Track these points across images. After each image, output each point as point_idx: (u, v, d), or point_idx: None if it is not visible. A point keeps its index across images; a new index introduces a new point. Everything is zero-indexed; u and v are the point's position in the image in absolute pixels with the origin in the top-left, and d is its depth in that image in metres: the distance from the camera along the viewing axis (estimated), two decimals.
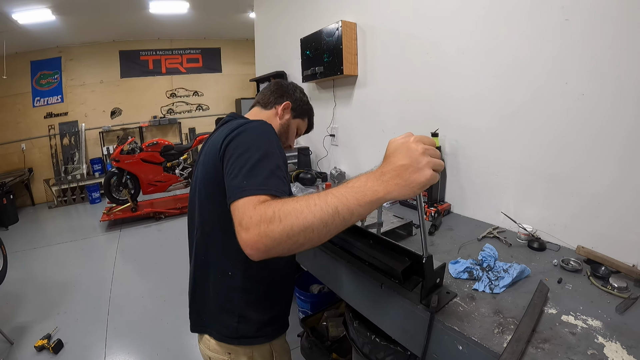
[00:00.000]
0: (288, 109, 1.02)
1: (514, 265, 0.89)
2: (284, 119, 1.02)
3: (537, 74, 1.13)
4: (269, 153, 0.69)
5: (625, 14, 0.90)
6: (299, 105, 1.06)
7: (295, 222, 0.52)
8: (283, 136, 1.04)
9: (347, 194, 0.54)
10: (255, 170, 0.64)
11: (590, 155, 1.03)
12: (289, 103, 1.02)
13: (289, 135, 1.06)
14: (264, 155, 0.68)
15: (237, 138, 0.73)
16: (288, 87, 1.06)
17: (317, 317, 1.94)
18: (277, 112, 1.01)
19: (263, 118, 0.97)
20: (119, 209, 4.41)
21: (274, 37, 3.03)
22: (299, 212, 0.52)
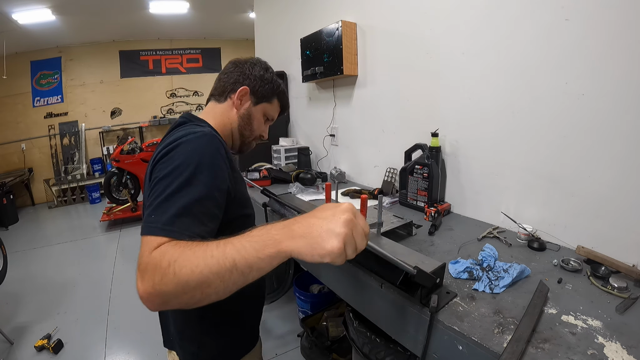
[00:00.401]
0: (246, 95, 0.86)
1: (514, 265, 0.89)
2: (242, 108, 0.87)
3: (537, 73, 1.13)
4: (192, 182, 0.60)
5: (625, 13, 0.90)
6: (260, 86, 0.88)
7: (190, 277, 0.46)
8: (246, 129, 0.89)
9: (247, 244, 0.48)
10: (168, 203, 0.57)
11: (590, 155, 1.03)
12: (246, 88, 0.86)
13: (254, 126, 0.90)
14: (184, 183, 0.59)
15: (164, 158, 0.64)
16: (244, 67, 0.87)
17: (317, 317, 1.94)
18: (233, 102, 0.86)
19: (217, 114, 0.86)
20: (119, 209, 4.42)
21: (274, 37, 3.03)
22: (194, 266, 0.47)
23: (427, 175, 1.44)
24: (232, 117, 0.87)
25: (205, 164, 0.64)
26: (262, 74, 0.88)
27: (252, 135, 0.92)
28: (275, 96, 0.92)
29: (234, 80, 0.86)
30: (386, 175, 1.78)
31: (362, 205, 0.97)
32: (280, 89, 0.92)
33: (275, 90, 0.91)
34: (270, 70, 0.91)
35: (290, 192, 1.77)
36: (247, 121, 0.89)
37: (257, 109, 0.89)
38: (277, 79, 0.91)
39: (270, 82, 0.89)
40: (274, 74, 0.91)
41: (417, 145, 1.51)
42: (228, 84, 0.87)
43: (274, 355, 1.97)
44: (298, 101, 2.71)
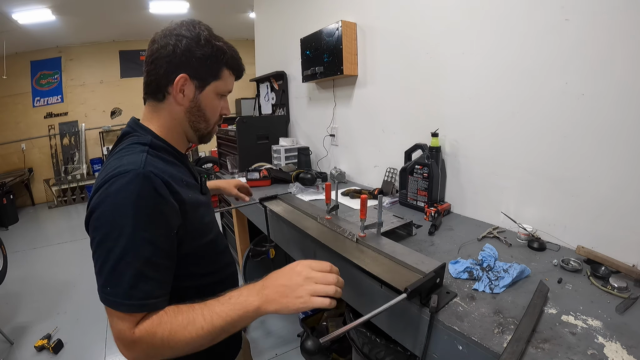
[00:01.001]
0: (187, 83, 0.69)
1: (514, 265, 0.89)
2: (186, 102, 0.71)
3: (537, 73, 1.13)
4: (135, 241, 0.56)
5: (625, 13, 0.90)
6: (200, 65, 0.68)
7: (186, 348, 0.57)
8: (200, 122, 0.75)
9: (231, 312, 0.57)
10: (117, 273, 0.55)
11: (590, 155, 1.03)
12: (184, 76, 0.67)
13: (207, 115, 0.74)
14: (127, 247, 0.55)
15: (95, 214, 0.57)
16: (170, 45, 0.66)
17: (317, 317, 1.94)
18: (173, 97, 0.70)
19: (161, 117, 0.72)
20: None
21: (274, 37, 3.03)
22: (189, 340, 0.56)
23: (427, 175, 1.44)
24: (178, 115, 0.72)
25: (142, 217, 0.57)
26: (195, 45, 0.67)
27: (209, 126, 0.77)
28: (222, 67, 0.72)
29: (165, 70, 0.67)
30: (386, 175, 1.78)
31: (362, 205, 0.97)
32: (227, 55, 0.72)
33: (220, 61, 0.71)
34: (205, 36, 0.68)
35: (290, 192, 1.77)
36: (197, 114, 0.73)
37: (205, 94, 0.72)
38: (218, 44, 0.70)
39: (211, 55, 0.69)
40: (212, 37, 0.70)
41: (417, 145, 1.51)
42: (159, 75, 0.68)
43: (274, 355, 1.97)
44: (298, 101, 2.71)
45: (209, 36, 0.69)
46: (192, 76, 0.69)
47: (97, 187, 0.59)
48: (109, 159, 0.67)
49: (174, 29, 0.68)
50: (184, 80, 0.68)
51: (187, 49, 0.66)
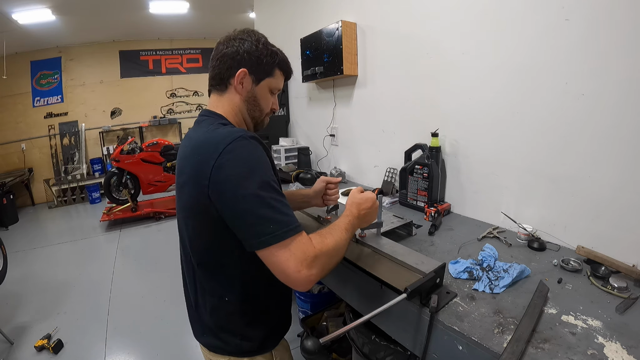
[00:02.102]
0: (245, 76, 0.82)
1: (514, 265, 0.89)
2: (245, 92, 0.83)
3: (537, 74, 1.13)
4: (270, 186, 0.67)
5: (626, 13, 0.90)
6: (257, 63, 0.82)
7: (341, 254, 0.75)
8: (255, 111, 0.87)
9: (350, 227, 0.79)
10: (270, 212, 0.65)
11: (590, 155, 1.03)
12: (244, 70, 0.81)
13: (262, 106, 0.87)
14: (266, 192, 0.66)
15: (226, 176, 0.66)
16: (234, 46, 0.81)
17: (317, 317, 1.94)
18: (234, 87, 0.83)
19: (225, 105, 0.84)
20: (119, 209, 4.41)
21: (274, 37, 3.00)
22: (340, 248, 0.73)
23: (427, 175, 1.44)
24: (238, 104, 0.84)
25: (267, 167, 0.70)
26: (255, 48, 0.81)
27: (262, 115, 0.89)
28: (275, 67, 0.86)
29: (229, 66, 0.81)
30: (386, 175, 1.78)
31: None
32: (279, 57, 0.86)
33: (274, 62, 0.85)
34: (263, 41, 0.83)
35: None
36: (253, 103, 0.86)
37: (260, 87, 0.85)
38: (273, 49, 0.85)
39: (267, 56, 0.83)
40: (268, 43, 0.85)
41: (417, 145, 1.51)
42: (224, 70, 0.82)
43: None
44: (298, 101, 2.71)
45: (265, 42, 0.84)
46: (251, 71, 0.82)
47: (210, 154, 0.67)
48: (199, 131, 0.77)
49: (238, 34, 0.83)
50: (243, 74, 0.81)
51: (248, 50, 0.81)
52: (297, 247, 0.64)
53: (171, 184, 4.51)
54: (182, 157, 0.77)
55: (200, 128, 0.79)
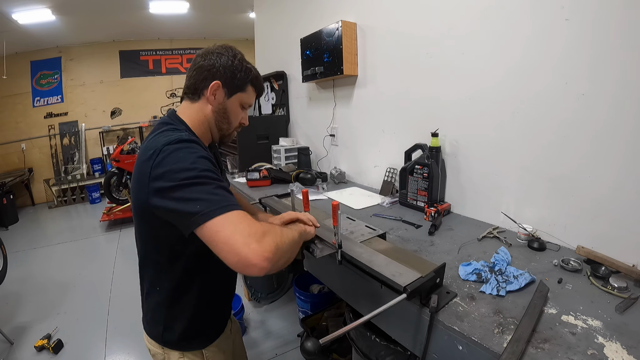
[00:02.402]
0: (218, 89, 0.85)
1: (525, 275, 0.87)
2: (215, 103, 0.87)
3: (537, 73, 1.13)
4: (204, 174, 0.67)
5: (626, 13, 0.90)
6: (231, 77, 0.86)
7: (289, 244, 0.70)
8: (223, 123, 0.90)
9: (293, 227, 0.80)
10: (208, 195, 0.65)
11: (590, 155, 1.03)
12: (217, 83, 0.84)
13: (230, 119, 0.90)
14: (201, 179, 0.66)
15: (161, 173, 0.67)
16: (211, 59, 0.85)
17: (317, 317, 1.94)
18: (207, 98, 0.86)
19: (193, 113, 0.87)
20: (119, 209, 4.41)
21: (274, 37, 3.03)
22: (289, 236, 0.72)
23: (427, 175, 1.44)
24: (207, 114, 0.87)
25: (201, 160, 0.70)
26: (231, 63, 0.85)
27: (230, 128, 0.92)
28: (248, 83, 0.90)
29: (204, 77, 0.85)
30: (386, 175, 1.78)
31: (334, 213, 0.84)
32: (252, 74, 0.90)
33: (247, 78, 0.89)
34: (239, 57, 0.88)
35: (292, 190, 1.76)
36: (222, 115, 0.89)
37: (232, 101, 0.89)
38: (248, 65, 0.89)
39: (241, 71, 0.87)
40: (244, 60, 0.89)
41: (417, 145, 1.51)
42: (199, 81, 0.85)
43: (274, 355, 1.97)
44: (298, 101, 2.71)
45: (241, 58, 0.89)
46: (224, 84, 0.86)
47: (150, 155, 0.70)
48: (151, 138, 0.78)
49: (216, 49, 0.87)
50: (217, 86, 0.85)
51: (224, 64, 0.85)
52: (241, 221, 0.62)
53: None
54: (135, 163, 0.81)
55: (154, 133, 0.82)
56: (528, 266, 0.97)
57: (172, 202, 0.65)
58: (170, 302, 0.87)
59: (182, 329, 0.88)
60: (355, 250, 0.92)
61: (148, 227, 0.80)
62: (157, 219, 0.72)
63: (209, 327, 0.95)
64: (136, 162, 0.76)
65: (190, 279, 0.85)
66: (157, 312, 0.90)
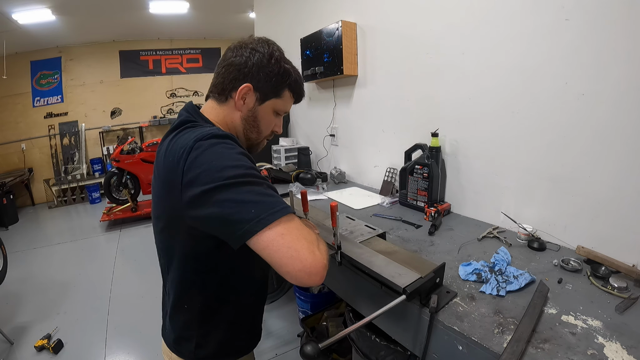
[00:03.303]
0: (250, 93, 0.72)
1: (525, 275, 0.87)
2: (245, 110, 0.74)
3: (537, 73, 1.13)
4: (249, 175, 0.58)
5: (625, 14, 0.90)
6: (265, 80, 0.73)
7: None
8: (252, 132, 0.77)
9: None
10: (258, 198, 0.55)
11: (590, 155, 1.03)
12: (248, 86, 0.71)
13: (261, 128, 0.78)
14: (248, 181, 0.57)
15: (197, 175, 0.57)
16: (244, 56, 0.71)
17: (317, 317, 1.94)
18: (234, 102, 0.73)
19: (220, 116, 0.75)
20: (119, 209, 4.41)
21: (274, 37, 2.99)
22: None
23: (427, 175, 1.44)
24: (235, 120, 0.75)
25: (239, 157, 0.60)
26: (267, 62, 0.72)
27: (260, 137, 0.80)
28: (285, 88, 0.76)
29: (234, 77, 0.72)
30: (386, 175, 1.78)
31: (332, 214, 0.85)
32: (291, 78, 0.76)
33: (284, 82, 0.75)
34: (276, 56, 0.73)
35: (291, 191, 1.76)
36: (252, 124, 0.76)
37: (264, 108, 0.75)
38: (285, 66, 0.75)
39: (278, 74, 0.73)
40: (282, 59, 0.75)
41: (417, 145, 1.51)
42: (227, 80, 0.72)
43: (274, 355, 1.97)
44: None
45: (279, 57, 0.74)
46: (256, 88, 0.73)
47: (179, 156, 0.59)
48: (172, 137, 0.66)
49: (250, 42, 0.73)
50: (247, 89, 0.72)
51: (257, 63, 0.71)
52: (301, 226, 0.55)
53: None
54: (155, 166, 0.70)
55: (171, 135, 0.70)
56: (528, 266, 0.97)
57: (216, 207, 0.55)
58: (202, 319, 0.76)
59: (216, 346, 0.79)
60: (355, 251, 0.92)
61: (177, 241, 0.68)
62: (190, 232, 0.63)
63: (244, 341, 0.88)
64: (157, 168, 0.67)
65: (223, 294, 0.75)
66: (186, 329, 0.78)
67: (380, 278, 0.80)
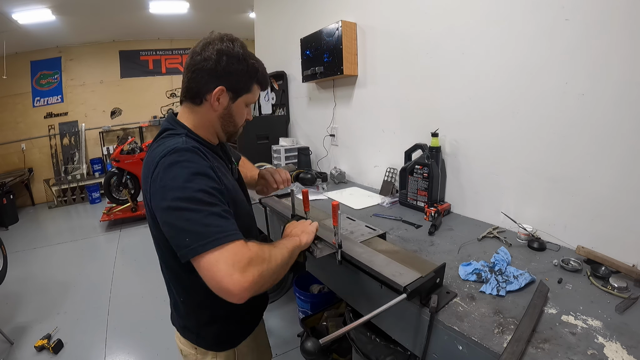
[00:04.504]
0: (223, 94, 0.78)
1: (525, 275, 0.87)
2: (220, 109, 0.81)
3: (537, 73, 1.13)
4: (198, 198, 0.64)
5: (625, 14, 0.90)
6: (236, 80, 0.79)
7: (280, 271, 0.70)
8: (229, 126, 0.85)
9: (289, 245, 0.77)
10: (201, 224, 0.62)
11: (590, 155, 1.03)
12: (222, 88, 0.77)
13: (236, 121, 0.86)
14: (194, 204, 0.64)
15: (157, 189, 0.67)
16: (212, 60, 0.76)
17: (317, 317, 1.94)
18: (210, 104, 0.79)
19: (197, 118, 0.81)
20: (119, 209, 4.41)
21: (274, 37, 3.03)
22: (280, 261, 0.70)
23: (427, 175, 1.44)
24: (212, 119, 0.82)
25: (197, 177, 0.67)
26: (235, 64, 0.77)
27: (236, 128, 0.88)
28: (253, 83, 0.83)
29: (206, 81, 0.77)
30: (386, 175, 1.78)
31: (334, 213, 0.85)
32: (259, 73, 0.83)
33: (252, 78, 0.82)
34: (242, 55, 0.78)
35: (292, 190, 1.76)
36: (228, 119, 0.84)
37: (237, 104, 0.83)
38: (252, 62, 0.80)
39: (246, 72, 0.80)
40: (248, 56, 0.80)
41: (417, 145, 1.51)
42: (200, 85, 0.78)
43: (274, 355, 1.97)
44: (298, 101, 2.71)
45: (245, 55, 0.80)
46: (228, 88, 0.79)
47: (150, 169, 0.70)
48: (153, 147, 0.78)
49: (215, 42, 0.77)
50: (221, 92, 0.78)
51: (227, 66, 0.77)
52: (228, 250, 0.61)
53: None
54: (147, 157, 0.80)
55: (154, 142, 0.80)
56: (528, 266, 0.97)
57: (165, 227, 0.66)
58: (199, 306, 0.86)
59: (215, 332, 0.89)
60: (355, 250, 0.92)
61: (161, 233, 0.74)
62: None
63: (242, 327, 0.95)
64: (142, 170, 0.77)
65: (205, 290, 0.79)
66: (189, 316, 0.89)
67: (380, 277, 0.80)
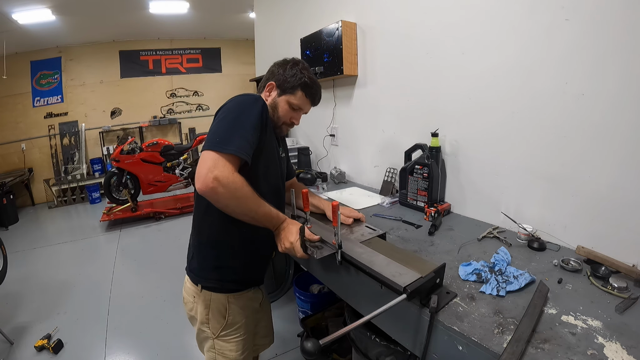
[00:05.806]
0: (273, 88, 1.08)
1: (525, 275, 0.87)
2: (270, 99, 1.08)
3: (537, 73, 1.13)
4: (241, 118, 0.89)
5: (625, 14, 0.90)
6: (284, 81, 1.06)
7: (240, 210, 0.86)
8: (274, 115, 1.08)
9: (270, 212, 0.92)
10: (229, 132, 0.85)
11: (590, 155, 1.03)
12: (272, 83, 1.07)
13: (279, 113, 1.08)
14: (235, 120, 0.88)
15: (222, 108, 0.93)
16: (279, 65, 1.10)
17: (317, 317, 1.94)
18: (265, 92, 1.09)
19: None
20: (119, 209, 4.41)
21: (274, 37, 3.03)
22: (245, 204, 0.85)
23: (427, 175, 1.44)
24: (267, 103, 1.07)
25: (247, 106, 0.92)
26: (287, 71, 1.06)
27: (279, 121, 1.09)
28: (298, 87, 1.06)
29: (267, 77, 1.10)
30: (386, 175, 1.78)
31: (333, 213, 0.86)
32: (302, 81, 1.06)
33: (299, 85, 1.06)
34: (298, 67, 1.07)
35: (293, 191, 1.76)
36: (274, 109, 1.07)
37: (281, 99, 1.07)
38: (302, 73, 1.06)
39: (293, 77, 1.06)
40: (304, 69, 1.07)
41: (417, 145, 1.51)
42: (264, 80, 1.11)
43: (274, 355, 1.97)
44: None
45: (301, 67, 1.08)
46: (277, 85, 1.08)
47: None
48: None
49: (287, 60, 1.11)
50: (272, 86, 1.09)
51: (280, 71, 1.08)
52: (220, 159, 0.80)
53: (171, 184, 4.51)
54: None
55: None
56: (528, 266, 0.97)
57: (211, 127, 0.89)
58: (209, 244, 1.04)
59: (216, 269, 1.04)
60: (355, 251, 0.92)
61: None
62: None
63: (237, 276, 1.08)
64: None
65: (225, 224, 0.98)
66: (199, 252, 1.06)
67: (380, 277, 0.80)
